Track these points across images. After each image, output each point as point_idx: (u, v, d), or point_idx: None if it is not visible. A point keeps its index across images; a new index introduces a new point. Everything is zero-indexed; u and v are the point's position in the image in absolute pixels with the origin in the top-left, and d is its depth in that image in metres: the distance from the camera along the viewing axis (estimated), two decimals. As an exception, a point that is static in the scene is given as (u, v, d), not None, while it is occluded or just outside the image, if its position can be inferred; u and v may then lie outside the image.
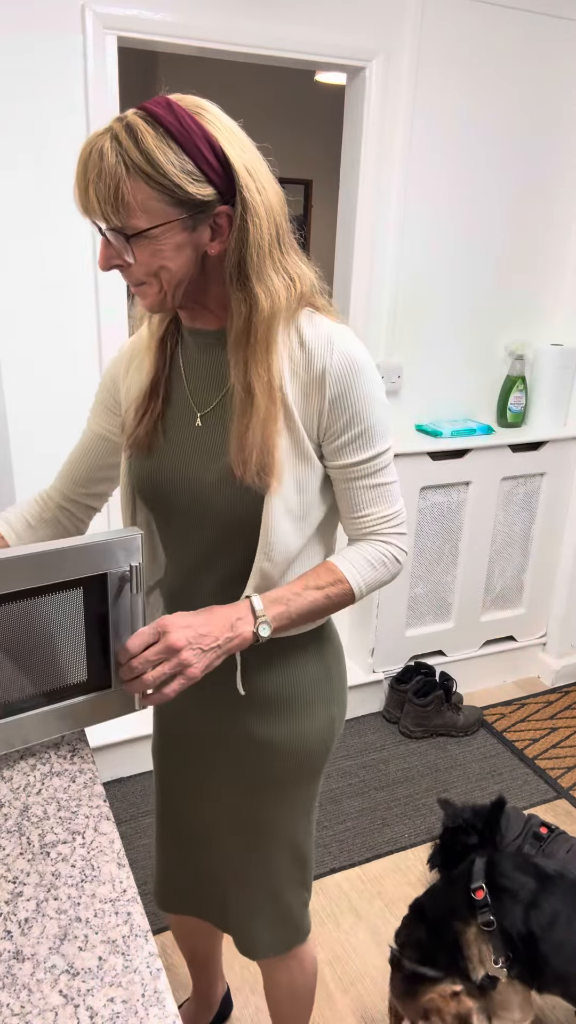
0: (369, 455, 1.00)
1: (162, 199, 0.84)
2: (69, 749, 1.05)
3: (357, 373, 0.96)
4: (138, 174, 0.83)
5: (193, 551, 1.07)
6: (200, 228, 0.88)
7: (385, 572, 1.07)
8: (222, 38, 1.90)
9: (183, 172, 0.84)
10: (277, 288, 0.91)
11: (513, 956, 1.41)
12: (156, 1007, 0.72)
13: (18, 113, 1.77)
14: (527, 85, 2.33)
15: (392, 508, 1.06)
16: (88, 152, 0.84)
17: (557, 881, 1.45)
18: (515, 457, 2.62)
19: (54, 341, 1.97)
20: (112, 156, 0.82)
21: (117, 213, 0.85)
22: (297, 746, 1.14)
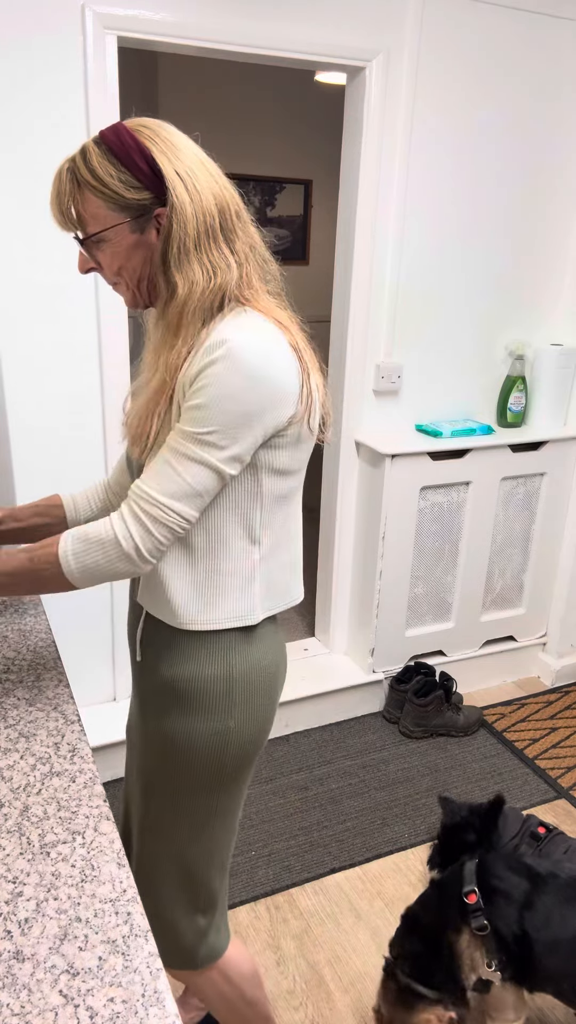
0: (189, 430, 0.97)
1: (107, 206, 1.00)
2: (69, 749, 1.05)
3: (224, 356, 0.95)
4: (86, 187, 0.99)
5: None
6: (147, 229, 1.01)
7: (100, 553, 1.00)
8: (222, 38, 1.90)
9: (120, 181, 0.98)
10: (195, 278, 0.99)
11: (507, 958, 1.39)
12: (156, 1007, 0.72)
13: (18, 113, 1.77)
14: (527, 85, 2.33)
15: (155, 491, 0.98)
16: (54, 176, 1.02)
17: (549, 880, 1.43)
18: (515, 457, 2.62)
19: (55, 341, 1.97)
20: (67, 176, 1.00)
21: (77, 223, 1.03)
22: (184, 749, 1.12)
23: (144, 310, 1.11)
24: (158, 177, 0.98)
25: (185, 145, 1.01)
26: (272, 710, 1.18)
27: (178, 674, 1.11)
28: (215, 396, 0.96)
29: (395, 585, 2.58)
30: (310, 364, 1.03)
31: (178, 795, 1.16)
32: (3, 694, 1.16)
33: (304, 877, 2.03)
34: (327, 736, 2.60)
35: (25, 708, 1.13)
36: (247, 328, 0.98)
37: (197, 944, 1.24)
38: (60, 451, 2.07)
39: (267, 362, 0.97)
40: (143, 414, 1.03)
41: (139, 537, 0.99)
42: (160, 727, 1.14)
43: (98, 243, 1.02)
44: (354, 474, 2.57)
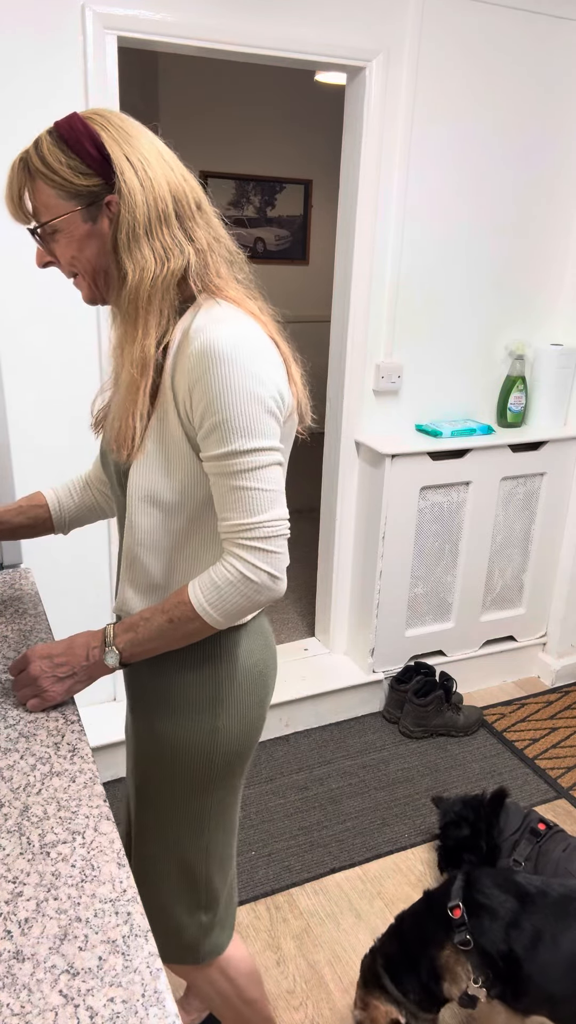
0: (226, 450, 0.96)
1: (58, 194, 0.97)
2: (69, 749, 1.05)
3: (213, 361, 0.93)
4: (37, 175, 0.97)
5: (118, 529, 1.17)
6: (100, 219, 0.99)
7: (235, 593, 0.99)
8: (222, 38, 1.90)
9: (68, 167, 0.96)
10: (146, 263, 0.97)
11: (494, 975, 1.37)
12: (156, 1007, 0.72)
13: (18, 113, 1.77)
14: (527, 85, 2.33)
15: (252, 518, 0.97)
16: (8, 168, 1.01)
17: (538, 899, 1.41)
18: (515, 457, 2.62)
19: (55, 340, 1.97)
20: (19, 165, 0.98)
21: (28, 211, 1.00)
22: (171, 747, 1.13)
23: (104, 306, 1.11)
24: (108, 163, 0.97)
25: (139, 133, 0.99)
26: (262, 709, 1.17)
27: (165, 676, 1.12)
28: (228, 405, 0.94)
29: (395, 585, 2.58)
30: (287, 354, 1.03)
31: (172, 796, 1.16)
32: (3, 694, 1.16)
33: (304, 877, 2.03)
34: (327, 736, 2.60)
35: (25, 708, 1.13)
36: (226, 322, 0.96)
37: (200, 939, 1.24)
38: (59, 451, 2.07)
39: (257, 352, 0.96)
40: (122, 415, 1.00)
41: (262, 563, 0.98)
42: (150, 728, 1.15)
43: (52, 233, 1.00)
44: (354, 474, 2.57)
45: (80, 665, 1.07)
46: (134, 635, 1.04)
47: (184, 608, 1.01)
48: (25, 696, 1.09)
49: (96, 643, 1.07)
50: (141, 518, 1.04)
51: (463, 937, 1.40)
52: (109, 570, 2.22)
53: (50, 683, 1.07)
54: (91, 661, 1.07)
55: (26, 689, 1.09)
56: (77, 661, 1.07)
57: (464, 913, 1.42)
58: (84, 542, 2.17)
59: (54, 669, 1.07)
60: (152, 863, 1.21)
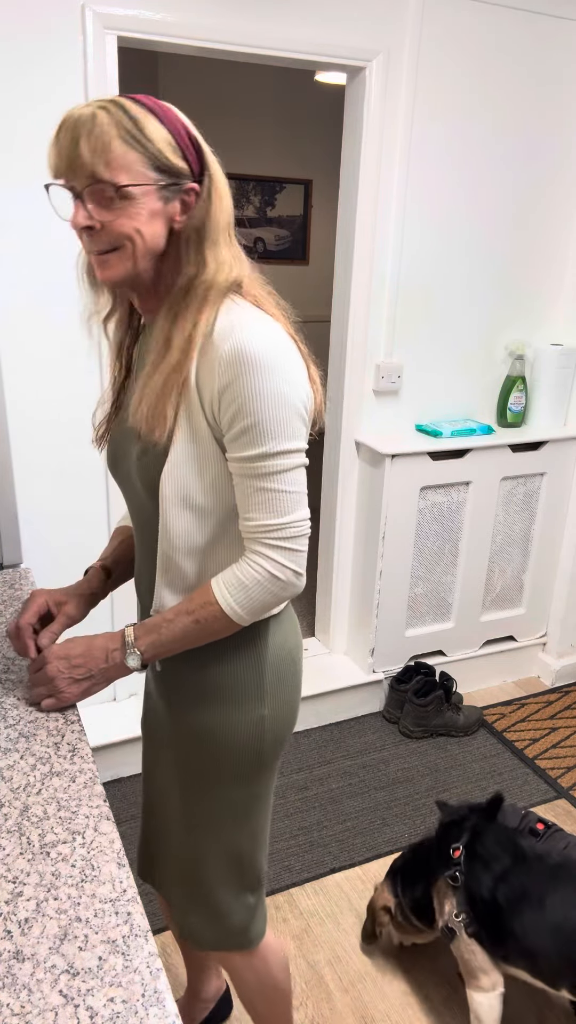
0: (256, 452, 0.97)
1: (145, 163, 0.92)
2: (69, 749, 1.05)
3: (246, 365, 0.94)
4: (128, 136, 0.91)
5: (138, 532, 1.15)
6: (172, 201, 0.96)
7: (262, 592, 1.02)
8: (222, 38, 1.90)
9: (165, 141, 0.93)
10: (224, 260, 0.99)
11: (474, 916, 1.52)
12: (156, 1007, 0.72)
13: (18, 113, 1.77)
14: (527, 85, 2.33)
15: (279, 519, 1.00)
16: (75, 117, 0.91)
17: (533, 863, 1.52)
18: (515, 457, 2.62)
19: (55, 342, 1.97)
20: (105, 118, 0.90)
21: (108, 167, 0.91)
22: (219, 737, 1.13)
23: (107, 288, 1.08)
24: (198, 154, 0.96)
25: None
26: (299, 691, 1.20)
27: (208, 669, 1.12)
28: (260, 408, 0.95)
29: (395, 585, 2.58)
30: (305, 355, 1.04)
31: (220, 786, 1.17)
32: (3, 694, 1.16)
33: (304, 877, 2.03)
34: (327, 736, 2.60)
35: (25, 708, 1.13)
36: (254, 324, 0.96)
37: (249, 922, 1.26)
38: (60, 450, 2.07)
39: (286, 355, 0.97)
40: (160, 396, 0.98)
41: (287, 561, 1.01)
42: (196, 722, 1.15)
43: (122, 200, 0.93)
44: (354, 474, 2.57)
45: (98, 668, 1.07)
46: (157, 637, 1.05)
47: (211, 609, 1.02)
48: (40, 695, 1.09)
49: (115, 645, 1.07)
50: (176, 522, 1.03)
51: (453, 873, 1.56)
52: (109, 570, 2.21)
53: (66, 684, 1.07)
54: (110, 664, 1.07)
55: (41, 688, 1.09)
56: (95, 664, 1.07)
57: (463, 855, 1.57)
58: (84, 542, 2.17)
59: (71, 671, 1.07)
60: (198, 851, 1.21)
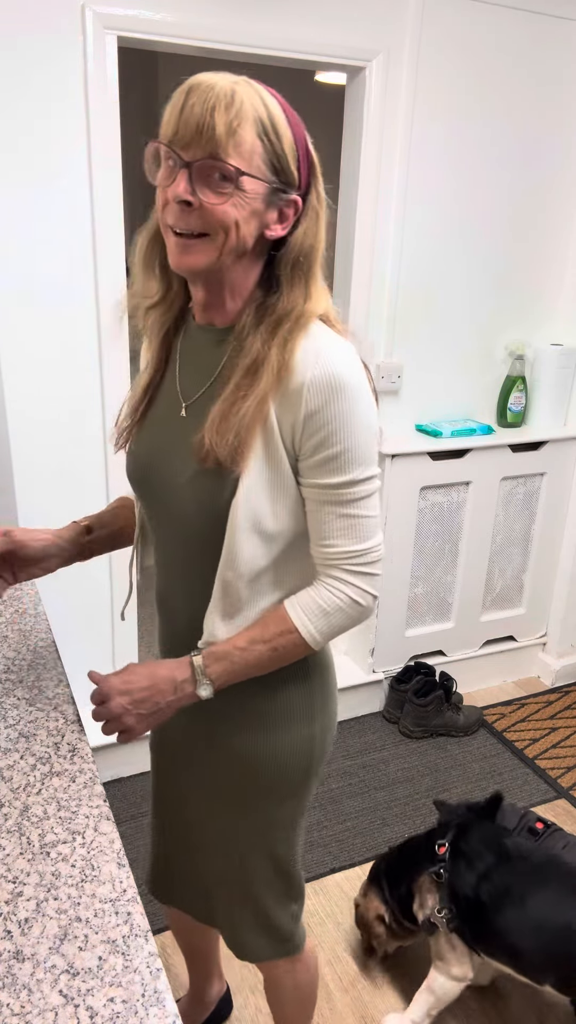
0: (342, 480, 0.95)
1: (266, 159, 0.88)
2: (69, 749, 1.05)
3: (336, 391, 0.91)
4: (261, 126, 0.86)
5: (172, 550, 1.08)
6: (272, 208, 0.91)
7: (343, 617, 1.01)
8: (222, 38, 1.90)
9: (289, 144, 0.89)
10: (322, 290, 0.97)
11: (456, 912, 1.54)
12: (156, 1007, 0.72)
13: (18, 113, 1.77)
14: (527, 85, 2.33)
15: (361, 544, 0.99)
16: (209, 84, 0.85)
17: (517, 862, 1.54)
18: (515, 457, 2.62)
19: (54, 341, 1.97)
20: (246, 98, 0.85)
21: (235, 148, 0.85)
22: (271, 761, 1.12)
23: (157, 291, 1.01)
24: (309, 168, 0.93)
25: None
26: (336, 700, 1.19)
27: (266, 692, 1.09)
28: (349, 435, 0.93)
29: (395, 585, 2.58)
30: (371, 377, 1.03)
31: (270, 805, 1.16)
32: (3, 694, 1.16)
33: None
34: (327, 736, 2.60)
35: (25, 708, 1.13)
36: (336, 347, 0.93)
37: (294, 929, 1.27)
38: (60, 449, 2.07)
39: (366, 380, 0.95)
40: (252, 419, 0.93)
41: (368, 587, 1.00)
42: (242, 749, 1.12)
43: (236, 184, 0.86)
44: (354, 474, 2.57)
45: (166, 701, 1.01)
46: (229, 666, 1.00)
47: (291, 638, 0.99)
48: (111, 730, 1.03)
49: (184, 676, 1.01)
50: (243, 548, 0.97)
51: (437, 869, 1.58)
52: (109, 570, 2.22)
53: (134, 721, 1.01)
54: (179, 695, 1.01)
55: (111, 724, 1.02)
56: (162, 697, 1.01)
57: (448, 852, 1.59)
58: (84, 542, 2.17)
59: (136, 706, 1.00)
60: (248, 870, 1.20)
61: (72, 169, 1.84)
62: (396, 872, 1.71)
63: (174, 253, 0.92)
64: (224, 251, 0.90)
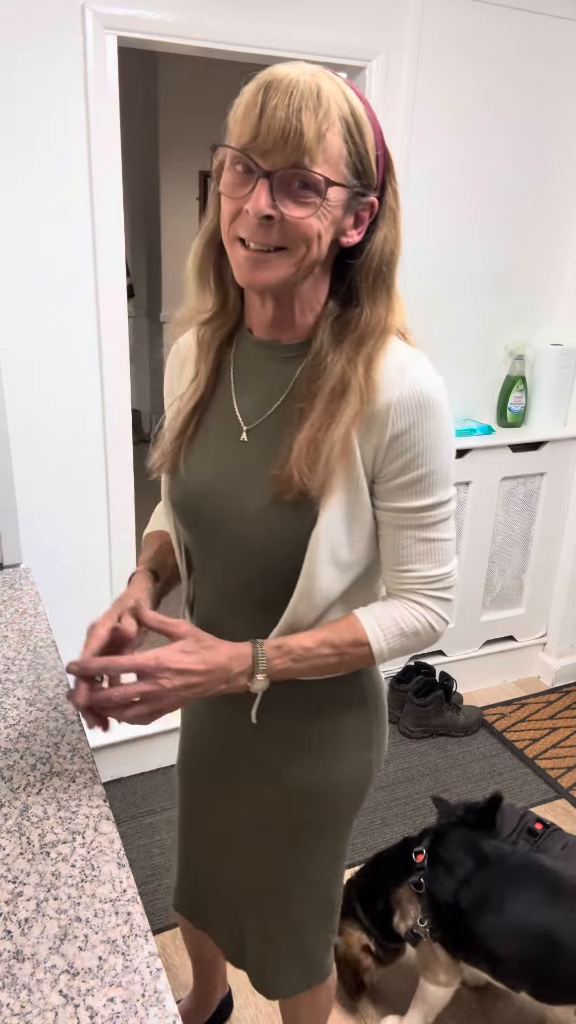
0: (426, 503, 0.90)
1: (350, 163, 0.80)
2: (69, 749, 1.05)
3: (424, 410, 0.86)
4: (346, 127, 0.78)
5: (226, 581, 1.00)
6: (349, 213, 0.84)
7: (416, 642, 0.96)
8: (222, 38, 1.90)
9: (372, 142, 0.81)
10: (402, 300, 0.92)
11: (438, 921, 1.50)
12: (156, 1007, 0.72)
13: (17, 113, 1.77)
14: (527, 85, 2.33)
15: (440, 569, 0.94)
16: (292, 81, 0.75)
17: (495, 865, 1.52)
18: (515, 457, 2.62)
19: (54, 341, 1.97)
20: (332, 96, 0.76)
21: (323, 155, 0.77)
22: (330, 792, 1.08)
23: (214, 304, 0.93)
24: (386, 166, 0.85)
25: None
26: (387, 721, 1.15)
27: (326, 718, 1.05)
28: (437, 456, 0.89)
29: (395, 585, 2.57)
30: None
31: (321, 835, 1.12)
32: (3, 694, 1.16)
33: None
34: (327, 736, 2.60)
35: (25, 708, 1.13)
36: (419, 363, 0.89)
37: (325, 955, 1.24)
38: (60, 450, 2.07)
39: (445, 393, 0.90)
40: (343, 445, 0.86)
41: (445, 613, 0.97)
42: (300, 778, 1.07)
43: (322, 195, 0.79)
44: (354, 474, 2.57)
45: (215, 688, 0.91)
46: (291, 663, 0.92)
47: (361, 650, 0.94)
48: (140, 712, 0.88)
49: (242, 667, 0.91)
50: (321, 580, 0.91)
51: (417, 879, 1.54)
52: (109, 570, 2.22)
53: (175, 702, 0.89)
54: (230, 685, 0.91)
55: (144, 706, 0.88)
56: (214, 684, 0.90)
57: (426, 859, 1.55)
58: (84, 542, 2.17)
59: (184, 690, 0.88)
60: (287, 895, 1.16)
61: (72, 169, 1.84)
62: (370, 892, 1.65)
63: (244, 268, 0.84)
64: (302, 265, 0.83)
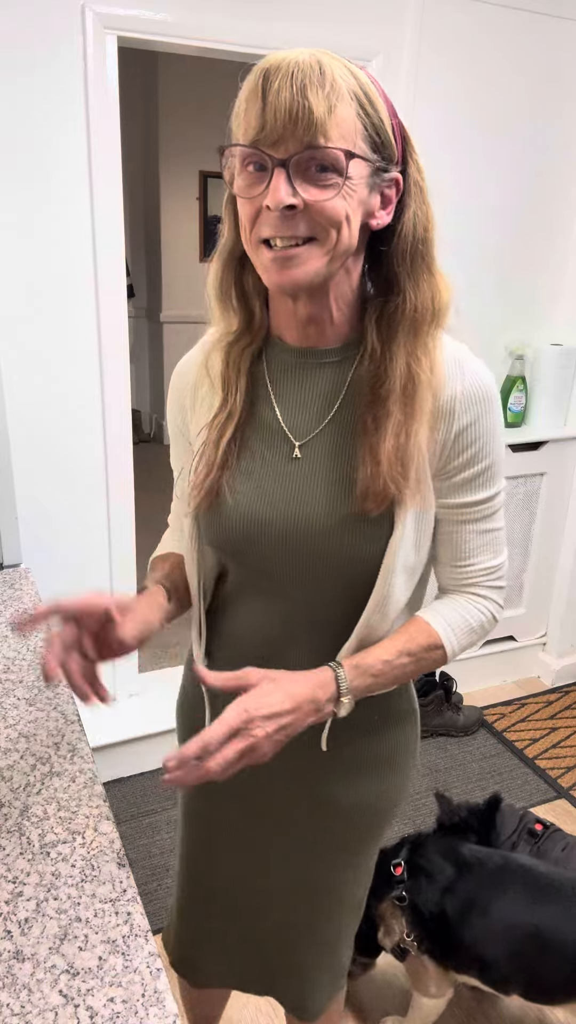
0: (486, 495, 0.89)
1: (366, 136, 0.75)
2: (69, 749, 1.05)
3: (487, 402, 0.85)
4: (356, 100, 0.74)
5: (286, 606, 0.94)
6: (375, 191, 0.79)
7: (480, 635, 0.95)
8: (222, 38, 1.90)
9: (386, 112, 0.77)
10: (445, 275, 0.86)
11: (424, 932, 1.47)
12: (156, 1007, 0.72)
13: (17, 113, 1.77)
14: (527, 85, 2.33)
15: (498, 559, 0.94)
16: (290, 62, 0.71)
17: (475, 869, 1.50)
18: (515, 457, 2.62)
19: (54, 341, 1.97)
20: (333, 68, 0.72)
21: (338, 129, 0.72)
22: (378, 808, 1.06)
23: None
24: (404, 139, 0.81)
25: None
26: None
27: (383, 747, 1.02)
28: (497, 447, 0.87)
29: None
30: None
31: (362, 849, 1.10)
32: (3, 694, 1.16)
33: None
34: (327, 736, 2.59)
35: (25, 708, 1.13)
36: (472, 355, 0.87)
37: (347, 963, 1.23)
38: (60, 450, 2.07)
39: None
40: (424, 445, 0.83)
41: (502, 601, 0.97)
42: (355, 798, 1.03)
43: (338, 175, 0.74)
44: (354, 474, 2.57)
45: (305, 722, 0.84)
46: (372, 680, 0.88)
47: (436, 653, 0.91)
48: (237, 768, 0.79)
49: (327, 695, 0.85)
50: (396, 588, 0.88)
51: (399, 893, 1.49)
52: (109, 571, 2.21)
53: (270, 748, 0.81)
54: (318, 716, 0.85)
55: (242, 762, 0.80)
56: (304, 718, 0.83)
57: (405, 871, 1.51)
58: (84, 542, 2.17)
59: (278, 733, 0.81)
60: (330, 917, 1.13)
61: (72, 169, 1.84)
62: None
63: (272, 270, 0.78)
64: (337, 253, 0.78)
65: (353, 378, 0.87)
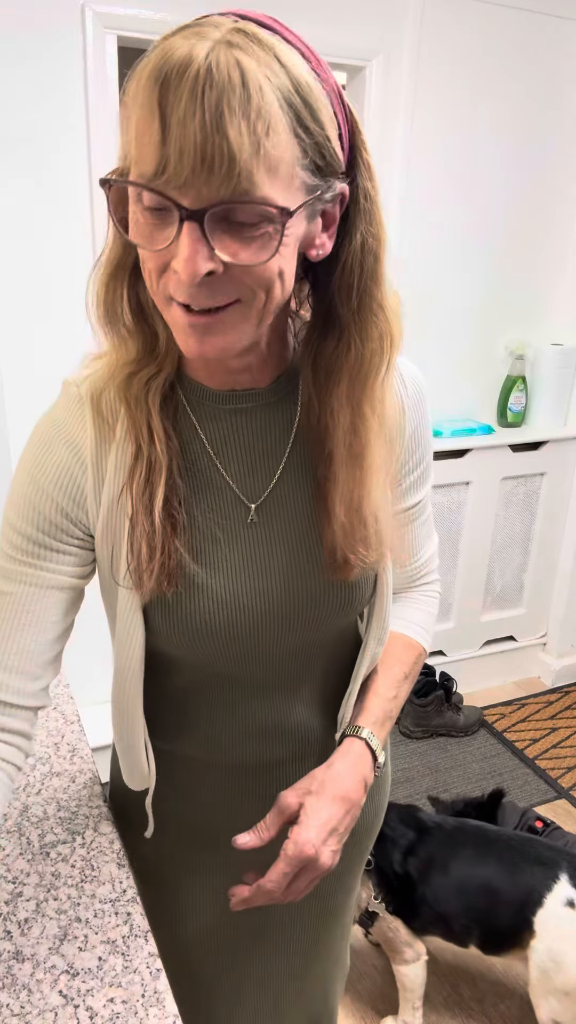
0: (427, 489, 0.86)
1: (302, 159, 0.54)
2: (69, 749, 1.05)
3: (424, 400, 0.81)
4: (291, 113, 0.52)
5: (277, 679, 0.81)
6: (315, 217, 0.60)
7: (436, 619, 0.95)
8: (222, 38, 1.90)
9: (330, 119, 0.55)
10: (394, 296, 0.69)
11: (390, 893, 1.57)
12: (156, 1007, 0.72)
13: (17, 113, 1.77)
14: (527, 85, 2.33)
15: (434, 541, 0.92)
16: (200, 67, 0.51)
17: (434, 831, 1.61)
18: (515, 457, 2.62)
19: (54, 340, 1.97)
20: (260, 76, 0.50)
21: (268, 174, 0.52)
22: (373, 828, 1.04)
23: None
24: (350, 133, 0.60)
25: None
26: None
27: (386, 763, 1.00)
28: (430, 442, 0.83)
29: (395, 585, 2.58)
30: None
31: (358, 873, 1.06)
32: (3, 694, 1.16)
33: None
34: (327, 736, 2.60)
35: (25, 708, 1.13)
36: (404, 361, 0.81)
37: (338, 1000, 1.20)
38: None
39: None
40: (377, 507, 0.71)
41: (439, 575, 0.96)
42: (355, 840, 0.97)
43: (279, 223, 0.54)
44: (354, 474, 2.57)
45: (359, 811, 0.79)
46: (389, 723, 0.85)
47: (421, 660, 0.90)
48: (313, 883, 0.75)
49: (368, 767, 0.80)
50: (388, 614, 0.84)
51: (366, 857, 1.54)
52: (109, 570, 2.21)
53: (335, 856, 0.76)
54: (367, 793, 0.81)
55: (310, 885, 0.75)
56: (357, 803, 0.78)
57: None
58: (84, 542, 2.17)
59: (342, 837, 0.77)
60: (332, 955, 1.08)
61: (72, 169, 1.84)
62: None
63: (191, 338, 0.59)
64: (268, 313, 0.59)
65: (300, 421, 0.72)
